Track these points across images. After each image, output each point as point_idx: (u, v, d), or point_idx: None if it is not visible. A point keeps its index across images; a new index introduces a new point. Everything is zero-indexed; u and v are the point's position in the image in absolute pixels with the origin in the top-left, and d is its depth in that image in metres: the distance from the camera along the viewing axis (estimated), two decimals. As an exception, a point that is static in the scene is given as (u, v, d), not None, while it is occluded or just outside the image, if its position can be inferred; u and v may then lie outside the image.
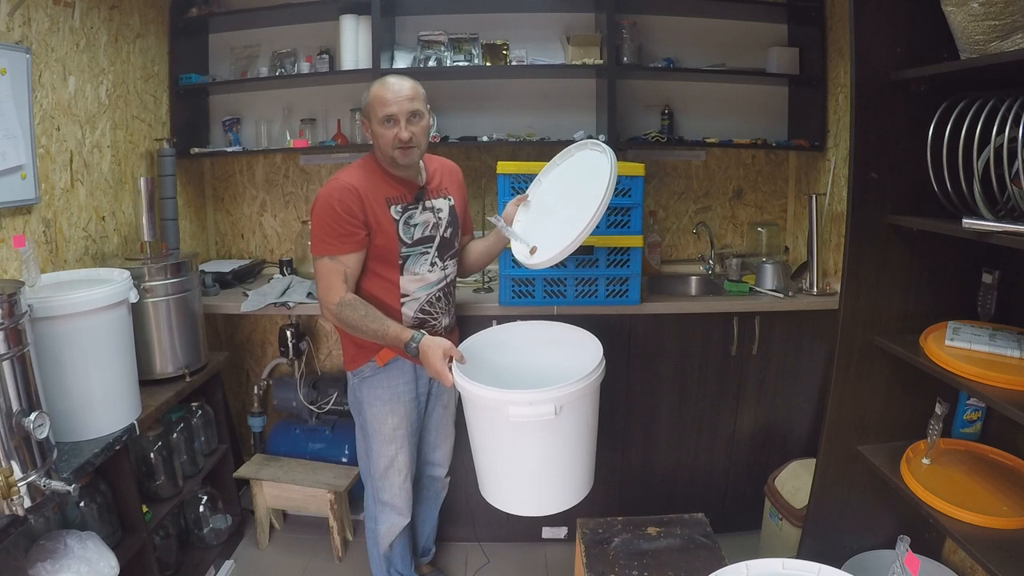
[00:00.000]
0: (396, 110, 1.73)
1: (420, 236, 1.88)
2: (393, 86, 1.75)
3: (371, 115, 1.78)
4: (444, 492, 2.28)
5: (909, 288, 1.78)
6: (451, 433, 2.18)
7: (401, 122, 1.73)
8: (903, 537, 1.27)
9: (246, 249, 3.06)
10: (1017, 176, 1.34)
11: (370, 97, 1.77)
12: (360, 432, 2.03)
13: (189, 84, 2.71)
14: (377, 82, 1.79)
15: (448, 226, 1.94)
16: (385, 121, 1.74)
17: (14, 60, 1.81)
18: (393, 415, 1.94)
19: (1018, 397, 1.34)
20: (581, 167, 1.91)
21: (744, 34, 2.83)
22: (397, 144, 1.75)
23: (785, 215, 3.03)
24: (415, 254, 1.88)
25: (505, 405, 1.57)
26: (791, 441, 2.52)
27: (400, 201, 1.85)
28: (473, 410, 1.74)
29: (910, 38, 1.63)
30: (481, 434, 1.74)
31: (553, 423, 1.60)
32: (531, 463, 1.69)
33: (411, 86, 1.77)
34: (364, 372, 1.93)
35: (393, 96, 1.73)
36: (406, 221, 1.85)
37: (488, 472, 1.78)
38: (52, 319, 1.61)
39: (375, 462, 1.99)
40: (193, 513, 2.37)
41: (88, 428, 1.71)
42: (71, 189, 2.11)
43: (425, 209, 1.89)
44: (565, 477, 1.72)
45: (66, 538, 1.61)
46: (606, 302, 2.32)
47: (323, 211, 1.76)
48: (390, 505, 2.02)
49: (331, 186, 1.78)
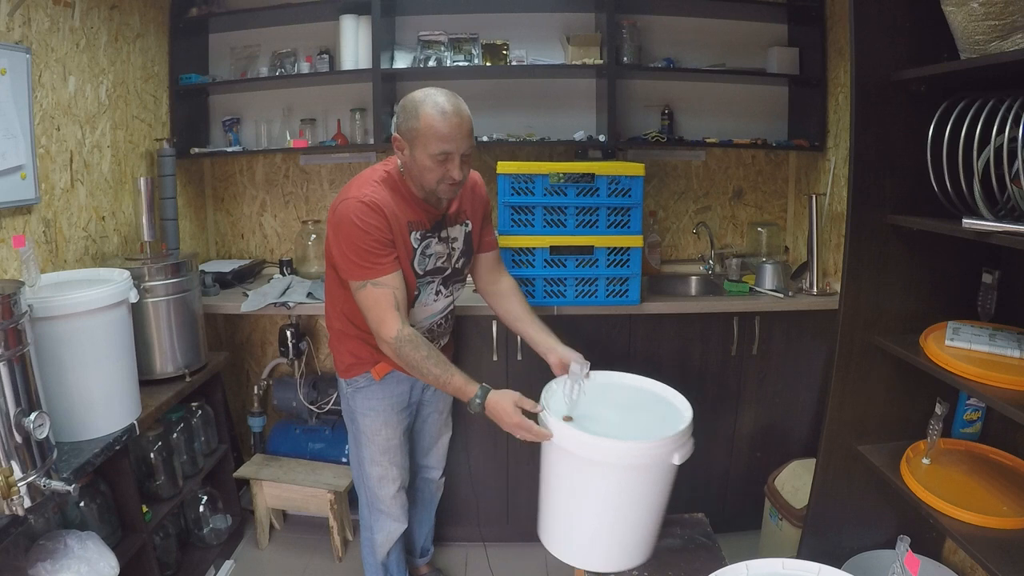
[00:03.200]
0: (453, 148, 1.57)
1: (432, 267, 1.79)
2: (452, 119, 1.56)
3: (418, 143, 1.58)
4: (439, 493, 2.27)
5: (909, 288, 1.77)
6: (445, 435, 2.18)
7: (456, 160, 1.59)
8: (903, 537, 1.27)
9: (246, 249, 3.06)
10: (1017, 176, 1.34)
11: (420, 124, 1.57)
12: (353, 442, 1.98)
13: (189, 84, 2.71)
14: (430, 105, 1.57)
15: (461, 256, 1.86)
16: (438, 156, 1.58)
17: (14, 60, 1.81)
18: (387, 426, 1.90)
19: (1018, 397, 1.34)
20: (655, 404, 1.75)
21: (744, 34, 2.83)
22: (448, 182, 1.62)
23: (785, 215, 3.03)
24: (424, 284, 1.80)
25: (627, 455, 1.49)
26: (791, 441, 2.52)
27: (420, 228, 1.72)
28: (571, 462, 1.56)
29: (910, 38, 1.63)
30: (585, 491, 1.59)
31: (656, 474, 1.56)
32: (637, 516, 1.62)
33: (469, 120, 1.60)
34: (359, 383, 1.87)
35: (452, 132, 1.56)
36: (423, 251, 1.74)
37: (567, 523, 1.67)
38: (52, 319, 1.61)
39: (369, 472, 1.95)
40: (193, 513, 2.37)
41: (88, 428, 1.71)
42: (71, 189, 2.11)
43: (441, 240, 1.78)
44: (642, 534, 1.66)
45: (66, 538, 1.61)
46: (606, 302, 2.32)
47: (351, 232, 1.61)
48: (386, 513, 1.99)
49: (354, 204, 1.62)
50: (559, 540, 1.69)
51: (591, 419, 1.61)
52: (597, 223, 2.27)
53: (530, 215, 2.26)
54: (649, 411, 1.72)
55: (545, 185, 2.23)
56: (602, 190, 2.24)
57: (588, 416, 1.61)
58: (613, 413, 1.68)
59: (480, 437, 2.44)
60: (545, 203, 2.25)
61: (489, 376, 2.39)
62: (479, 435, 2.43)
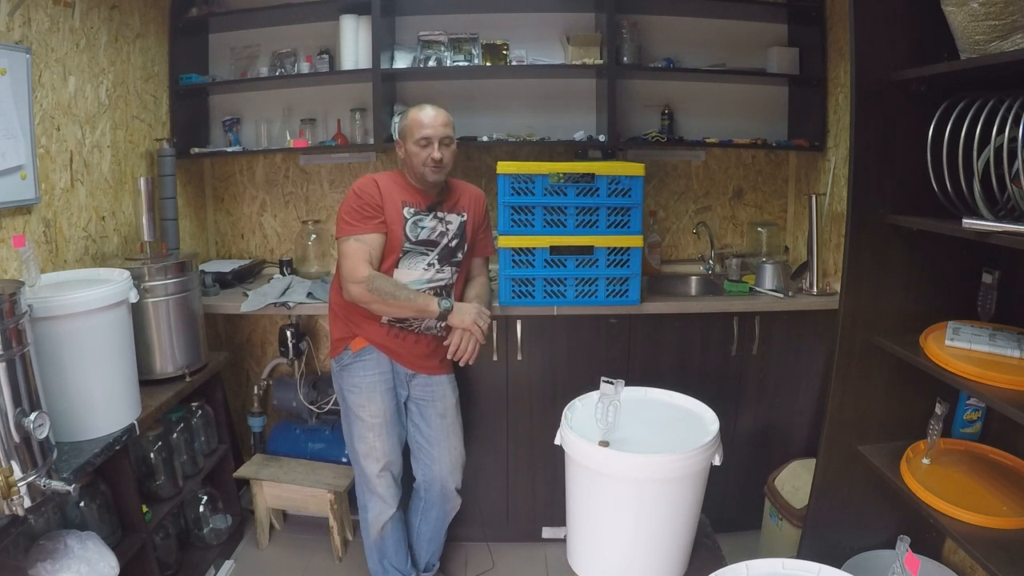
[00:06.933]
0: (432, 133, 1.95)
1: (424, 238, 2.03)
2: (430, 112, 1.98)
3: (407, 136, 1.98)
4: (451, 509, 2.25)
5: (909, 288, 1.78)
6: (455, 442, 2.19)
7: (435, 144, 1.95)
8: (903, 537, 1.27)
9: (246, 249, 3.06)
10: (1017, 176, 1.34)
11: (408, 120, 2.00)
12: (345, 420, 2.14)
13: (189, 84, 2.71)
14: (415, 108, 2.01)
15: (455, 238, 2.08)
16: (420, 141, 1.94)
17: (14, 60, 1.81)
18: (371, 403, 2.06)
19: (1018, 397, 1.34)
20: (667, 411, 1.80)
21: (744, 34, 2.83)
22: (430, 163, 1.95)
23: (785, 215, 3.03)
24: (415, 252, 2.03)
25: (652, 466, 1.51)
26: (791, 441, 2.52)
27: (415, 205, 2.03)
28: (620, 486, 1.56)
29: (910, 38, 1.63)
30: (638, 512, 1.59)
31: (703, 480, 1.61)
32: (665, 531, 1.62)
33: (446, 115, 2.00)
34: (343, 360, 2.08)
35: (430, 121, 1.96)
36: (415, 222, 2.02)
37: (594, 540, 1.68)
38: (52, 319, 1.61)
39: (357, 448, 2.10)
40: (193, 513, 2.37)
41: (88, 428, 1.70)
42: (71, 189, 2.11)
43: (435, 218, 2.05)
44: (674, 553, 1.65)
45: (66, 538, 1.61)
46: (606, 302, 2.32)
47: (347, 200, 1.99)
48: (374, 492, 2.11)
49: (359, 179, 2.02)
50: (605, 569, 1.65)
51: (622, 441, 1.60)
52: (597, 223, 2.27)
53: (530, 215, 2.26)
54: (665, 419, 1.75)
55: (545, 185, 2.23)
56: (602, 190, 2.24)
57: (619, 439, 1.61)
58: (641, 428, 1.68)
59: (481, 436, 2.44)
60: (545, 203, 2.25)
61: (489, 376, 2.41)
62: (479, 434, 2.44)
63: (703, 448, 1.55)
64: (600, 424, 1.60)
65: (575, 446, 1.60)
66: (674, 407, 1.81)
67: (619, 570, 1.63)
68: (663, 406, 1.82)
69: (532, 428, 2.45)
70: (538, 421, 2.42)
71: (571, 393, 1.82)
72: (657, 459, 1.52)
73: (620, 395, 1.59)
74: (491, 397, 2.44)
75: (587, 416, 1.67)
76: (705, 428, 1.68)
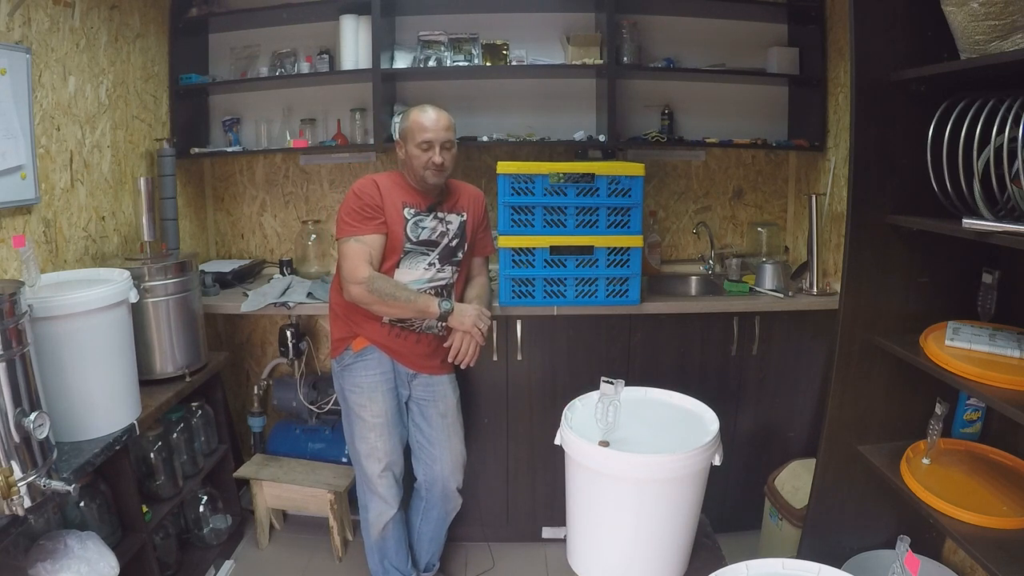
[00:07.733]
0: (433, 137, 1.93)
1: (425, 238, 2.03)
2: (432, 115, 1.95)
3: (408, 138, 1.97)
4: (454, 508, 2.25)
5: (909, 288, 1.77)
6: (456, 442, 2.19)
7: (436, 148, 1.94)
8: (903, 537, 1.27)
9: (246, 249, 3.06)
10: (1017, 176, 1.34)
11: (409, 122, 1.97)
12: (346, 421, 2.13)
13: (189, 84, 2.71)
14: (417, 109, 1.98)
15: (455, 237, 2.08)
16: (422, 144, 1.93)
17: (14, 60, 1.81)
18: (372, 402, 2.05)
19: (1018, 397, 1.34)
20: (666, 410, 1.81)
21: (744, 34, 2.83)
22: (431, 167, 1.94)
23: (785, 215, 3.03)
24: (416, 252, 2.02)
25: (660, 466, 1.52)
26: (791, 441, 2.53)
27: (415, 206, 2.02)
28: (619, 486, 1.57)
29: (910, 38, 1.63)
30: (638, 512, 1.58)
31: (703, 480, 1.61)
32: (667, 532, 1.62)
33: (448, 118, 1.98)
34: (344, 359, 2.07)
35: (432, 124, 1.94)
36: (415, 223, 2.02)
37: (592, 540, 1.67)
38: (52, 319, 1.61)
39: (358, 448, 2.09)
40: (193, 513, 2.37)
41: (88, 428, 1.70)
42: (71, 189, 2.11)
43: (436, 218, 2.05)
44: (676, 553, 1.65)
45: (66, 538, 1.61)
46: (606, 302, 2.32)
47: (347, 201, 1.99)
48: (375, 493, 2.10)
49: (359, 180, 2.01)
50: (605, 569, 1.65)
51: (622, 441, 1.60)
52: (597, 223, 2.27)
53: (530, 215, 2.26)
54: (665, 419, 1.75)
55: (545, 185, 2.23)
56: (602, 190, 2.24)
57: (619, 439, 1.61)
58: (641, 428, 1.68)
59: (481, 436, 2.44)
60: (545, 203, 2.25)
61: (489, 376, 2.41)
62: (480, 434, 2.44)
63: (703, 448, 1.55)
64: (600, 424, 1.60)
65: (575, 446, 1.60)
66: (674, 407, 1.82)
67: (619, 570, 1.63)
68: (663, 406, 1.82)
69: (532, 428, 2.45)
70: (538, 421, 2.42)
71: (571, 393, 1.82)
72: (657, 459, 1.53)
73: (620, 395, 1.59)
74: (491, 397, 2.44)
75: (587, 416, 1.67)
76: (705, 428, 1.68)
